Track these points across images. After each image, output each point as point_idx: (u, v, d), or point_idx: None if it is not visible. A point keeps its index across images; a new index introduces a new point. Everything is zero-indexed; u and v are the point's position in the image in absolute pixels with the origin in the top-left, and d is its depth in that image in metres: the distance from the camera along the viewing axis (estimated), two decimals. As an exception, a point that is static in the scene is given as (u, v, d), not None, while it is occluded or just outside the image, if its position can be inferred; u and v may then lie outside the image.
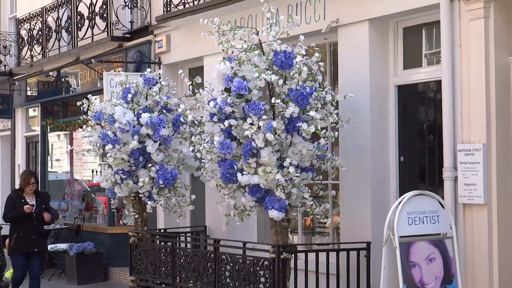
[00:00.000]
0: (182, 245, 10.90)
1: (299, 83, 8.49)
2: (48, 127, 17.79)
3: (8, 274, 14.56)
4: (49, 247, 15.07)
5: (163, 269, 10.72)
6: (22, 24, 18.31)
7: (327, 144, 8.86)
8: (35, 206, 11.42)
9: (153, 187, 10.66)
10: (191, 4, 11.98)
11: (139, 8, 14.38)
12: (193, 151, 9.23)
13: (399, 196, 8.55)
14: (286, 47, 8.48)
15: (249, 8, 10.90)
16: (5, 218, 11.63)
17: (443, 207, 8.08)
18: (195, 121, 9.92)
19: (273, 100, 8.36)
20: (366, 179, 9.41)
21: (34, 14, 17.60)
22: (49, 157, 18.30)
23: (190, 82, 9.13)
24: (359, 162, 9.45)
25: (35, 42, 17.59)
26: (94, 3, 14.78)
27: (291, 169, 8.32)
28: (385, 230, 7.79)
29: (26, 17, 18.02)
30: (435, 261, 7.91)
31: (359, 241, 9.20)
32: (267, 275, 8.86)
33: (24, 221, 11.37)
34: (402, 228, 7.77)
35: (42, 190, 11.97)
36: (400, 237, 7.74)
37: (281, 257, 8.71)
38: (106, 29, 14.47)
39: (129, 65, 13.90)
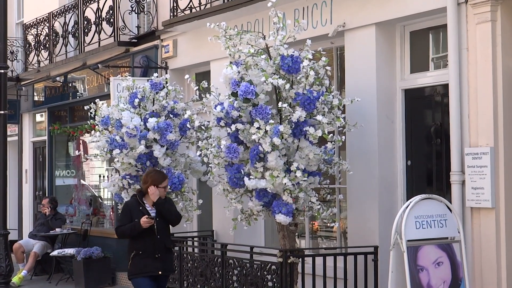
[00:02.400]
0: (190, 249, 10.88)
1: (306, 87, 8.50)
2: (55, 132, 17.82)
3: (16, 279, 14.61)
4: (56, 252, 15.14)
5: (171, 273, 10.72)
6: (29, 30, 18.33)
7: (334, 148, 8.87)
8: (155, 217, 8.57)
9: (160, 192, 10.64)
10: (198, 9, 12.00)
11: (145, 13, 14.37)
12: (200, 155, 9.25)
13: (407, 200, 8.54)
14: (293, 52, 8.50)
15: (255, 13, 10.91)
16: (117, 232, 8.76)
17: (450, 211, 8.06)
18: (202, 126, 10.00)
19: (280, 104, 8.38)
20: (373, 183, 9.41)
21: (41, 19, 17.61)
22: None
23: (197, 87, 9.15)
24: (366, 166, 9.45)
25: (42, 48, 17.58)
26: (101, 9, 14.78)
27: (298, 173, 8.33)
28: (393, 234, 7.78)
29: (33, 22, 18.03)
30: (442, 265, 7.90)
31: (367, 245, 9.20)
32: (274, 280, 8.87)
33: (144, 236, 8.49)
34: (409, 232, 7.76)
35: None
36: (408, 241, 7.73)
37: (289, 261, 8.72)
38: (112, 34, 14.46)
39: (136, 70, 13.88)
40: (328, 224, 10.24)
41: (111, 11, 14.47)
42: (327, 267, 9.05)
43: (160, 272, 8.55)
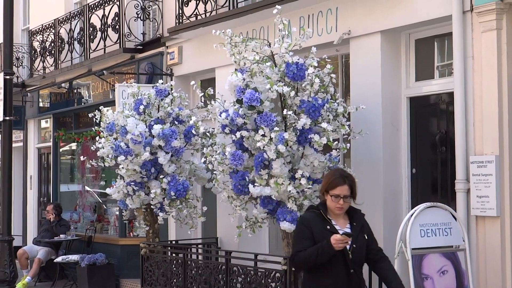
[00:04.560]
0: (194, 256, 10.83)
1: (311, 94, 8.48)
2: (60, 138, 17.81)
3: (20, 285, 14.60)
4: (60, 258, 15.13)
5: (175, 280, 10.69)
6: (34, 36, 18.37)
7: (339, 155, 8.85)
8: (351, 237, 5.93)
9: (165, 199, 10.65)
10: (203, 16, 12.00)
11: (151, 20, 14.40)
12: (204, 162, 9.25)
13: (411, 208, 8.51)
14: (298, 59, 8.48)
15: (261, 20, 10.90)
16: (296, 261, 6.03)
17: (455, 219, 8.04)
18: (207, 133, 9.99)
19: (285, 111, 8.36)
20: (378, 191, 9.37)
21: (47, 26, 17.66)
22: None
23: (202, 94, 9.15)
24: (371, 174, 9.40)
25: (48, 54, 17.62)
26: (107, 15, 14.81)
27: (303, 181, 8.32)
28: (397, 242, 7.76)
29: (39, 28, 18.07)
30: (447, 274, 7.87)
31: (371, 253, 9.15)
32: (278, 287, 8.83)
33: (333, 268, 5.89)
34: (414, 240, 7.74)
35: (352, 207, 6.26)
36: (413, 249, 7.71)
37: (293, 269, 8.63)
38: (118, 41, 14.50)
39: (141, 77, 13.89)
40: (333, 232, 10.17)
41: (116, 18, 14.51)
42: (332, 275, 9.01)
43: None
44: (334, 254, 5.75)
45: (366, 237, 6.01)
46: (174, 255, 10.92)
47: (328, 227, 5.86)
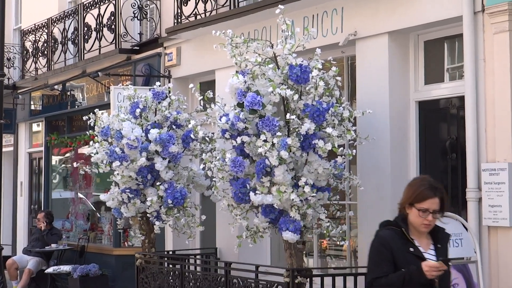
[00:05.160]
0: (192, 268, 10.77)
1: (315, 98, 8.43)
2: (53, 142, 17.75)
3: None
4: (51, 269, 15.19)
5: (171, 292, 10.65)
6: (27, 36, 18.47)
7: (344, 162, 8.89)
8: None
9: (162, 207, 10.55)
10: (203, 15, 12.03)
11: (148, 19, 14.45)
12: (203, 169, 9.41)
13: (421, 218, 8.34)
14: (302, 61, 8.45)
15: (263, 20, 10.92)
16: (375, 285, 5.26)
17: (466, 229, 7.95)
18: (206, 138, 9.98)
19: (288, 116, 8.31)
20: (386, 200, 9.26)
21: (40, 25, 17.73)
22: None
23: (201, 97, 9.24)
24: (378, 181, 9.35)
25: (40, 54, 17.70)
26: (102, 15, 14.84)
27: (307, 189, 8.26)
28: (407, 254, 7.59)
29: (31, 28, 18.17)
30: (458, 287, 7.70)
31: (378, 265, 8.99)
32: (280, 300, 8.79)
33: None
34: (424, 252, 7.57)
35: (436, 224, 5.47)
36: (423, 261, 7.55)
37: (296, 281, 8.57)
38: (114, 41, 14.49)
39: (138, 79, 13.89)
40: (338, 242, 10.14)
41: (112, 17, 14.55)
42: (336, 288, 8.93)
43: None
44: (427, 282, 5.06)
45: (446, 257, 5.32)
46: (171, 266, 10.86)
47: (412, 249, 5.14)
